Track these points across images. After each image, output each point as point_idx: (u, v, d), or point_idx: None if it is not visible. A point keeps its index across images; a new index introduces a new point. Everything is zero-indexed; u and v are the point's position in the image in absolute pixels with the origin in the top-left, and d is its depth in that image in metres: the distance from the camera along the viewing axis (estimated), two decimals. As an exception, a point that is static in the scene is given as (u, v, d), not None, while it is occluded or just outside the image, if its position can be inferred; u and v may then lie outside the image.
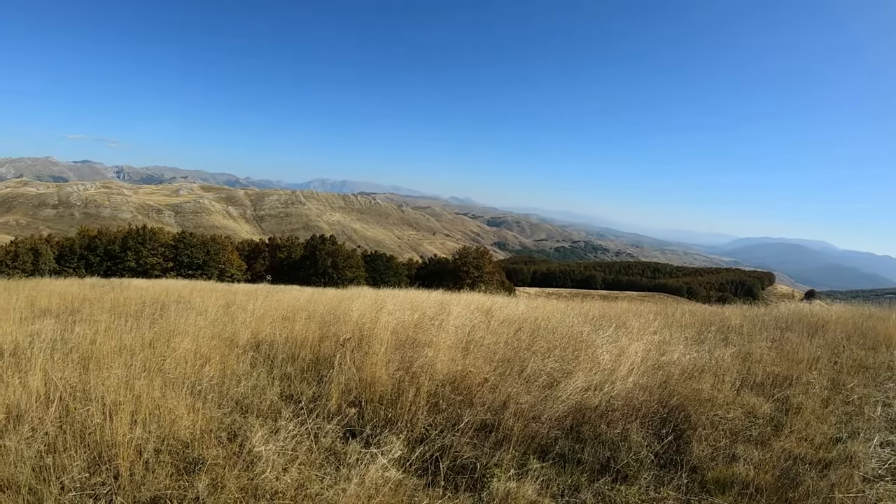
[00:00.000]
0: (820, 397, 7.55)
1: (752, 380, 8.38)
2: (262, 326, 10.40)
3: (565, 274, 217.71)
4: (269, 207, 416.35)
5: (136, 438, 5.13)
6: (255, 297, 16.32)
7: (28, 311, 12.68)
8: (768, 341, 10.88)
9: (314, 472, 4.92)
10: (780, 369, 8.91)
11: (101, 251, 66.16)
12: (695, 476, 5.57)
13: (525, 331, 10.59)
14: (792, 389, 7.85)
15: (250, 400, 6.68)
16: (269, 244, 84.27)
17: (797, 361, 9.39)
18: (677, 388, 7.27)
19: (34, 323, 10.98)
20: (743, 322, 13.51)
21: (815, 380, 8.14)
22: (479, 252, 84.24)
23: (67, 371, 6.64)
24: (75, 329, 9.38)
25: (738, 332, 12.18)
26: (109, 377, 6.11)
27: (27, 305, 13.35)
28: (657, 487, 5.28)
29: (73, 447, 4.97)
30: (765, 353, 9.90)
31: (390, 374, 7.35)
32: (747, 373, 8.67)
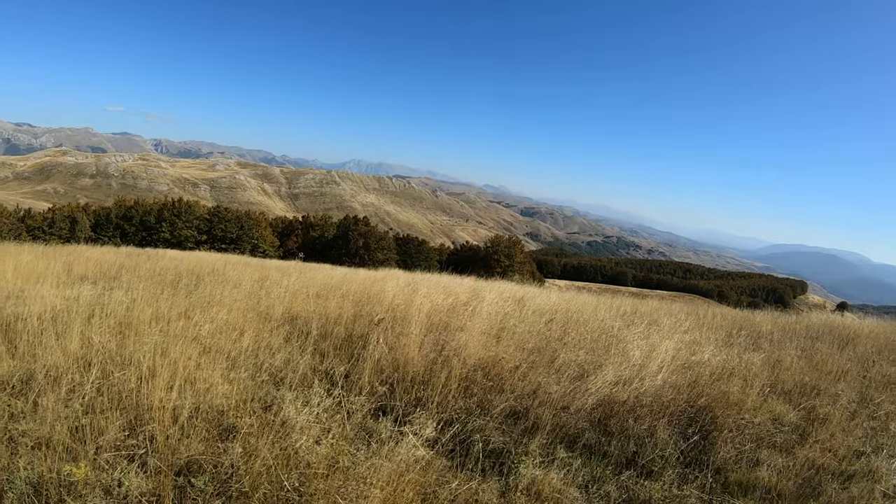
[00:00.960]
0: (847, 410, 7.44)
1: (780, 387, 8.31)
2: (296, 302, 10.50)
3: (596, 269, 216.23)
4: (304, 186, 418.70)
5: (171, 404, 5.21)
6: (289, 273, 16.44)
7: (65, 276, 12.90)
8: (798, 350, 10.74)
9: (346, 447, 4.96)
10: (809, 379, 8.80)
11: (136, 221, 67.34)
12: (718, 477, 5.56)
13: (557, 322, 10.58)
14: (819, 399, 7.77)
15: (284, 373, 6.75)
16: (303, 222, 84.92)
17: (826, 372, 9.28)
18: (706, 389, 7.21)
19: (72, 288, 11.18)
20: (773, 329, 13.30)
21: (843, 392, 8.04)
22: (511, 241, 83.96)
23: (105, 336, 6.76)
24: (112, 295, 9.53)
25: (768, 338, 12.01)
26: (146, 343, 6.21)
27: (65, 271, 13.58)
28: (680, 485, 5.29)
29: (110, 409, 5.07)
30: (794, 361, 9.77)
31: (423, 355, 7.40)
32: (776, 379, 8.59)
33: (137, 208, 69.54)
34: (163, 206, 70.99)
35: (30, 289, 10.49)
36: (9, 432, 4.67)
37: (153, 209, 69.84)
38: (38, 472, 4.10)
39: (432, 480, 4.73)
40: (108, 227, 65.42)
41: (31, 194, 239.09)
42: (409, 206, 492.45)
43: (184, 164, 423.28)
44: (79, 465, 4.14)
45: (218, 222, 71.60)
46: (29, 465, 4.18)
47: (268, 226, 79.46)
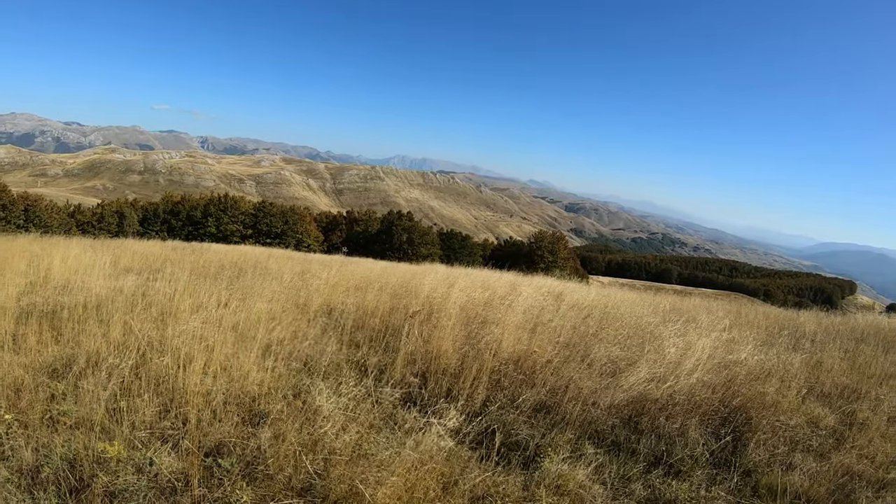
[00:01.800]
0: (887, 415, 7.28)
1: (819, 389, 8.16)
2: (335, 295, 10.65)
3: (640, 265, 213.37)
4: (348, 181, 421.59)
5: (206, 389, 5.43)
6: (330, 266, 16.65)
7: (112, 268, 13.30)
8: (841, 351, 10.51)
9: (372, 434, 5.08)
10: (850, 381, 8.63)
11: (183, 216, 68.77)
12: (748, 479, 5.51)
13: (594, 317, 10.52)
14: (859, 404, 7.61)
15: (318, 362, 6.91)
16: (347, 217, 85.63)
17: (869, 376, 9.09)
18: (741, 389, 7.09)
19: (117, 279, 11.56)
20: (817, 329, 12.99)
21: (886, 396, 7.85)
22: (555, 237, 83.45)
23: (146, 324, 7.00)
24: (155, 286, 9.83)
25: (810, 338, 11.74)
26: (185, 331, 6.43)
27: (111, 263, 13.97)
28: (709, 486, 5.25)
29: (146, 393, 5.30)
30: (836, 363, 9.57)
31: (456, 348, 7.45)
32: (815, 381, 8.44)
33: (184, 204, 70.97)
34: (209, 201, 72.32)
35: (76, 280, 10.88)
36: (49, 412, 4.94)
37: (199, 204, 71.21)
38: (74, 449, 4.32)
39: (455, 470, 4.78)
40: (156, 221, 66.97)
41: (81, 191, 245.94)
42: (452, 201, 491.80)
43: (229, 161, 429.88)
44: (113, 444, 4.34)
45: (263, 217, 72.66)
46: (66, 443, 4.41)
47: (312, 221, 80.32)
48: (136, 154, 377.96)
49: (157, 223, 66.97)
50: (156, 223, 66.81)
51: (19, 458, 4.30)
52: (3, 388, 5.24)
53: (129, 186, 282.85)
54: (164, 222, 67.64)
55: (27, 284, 10.37)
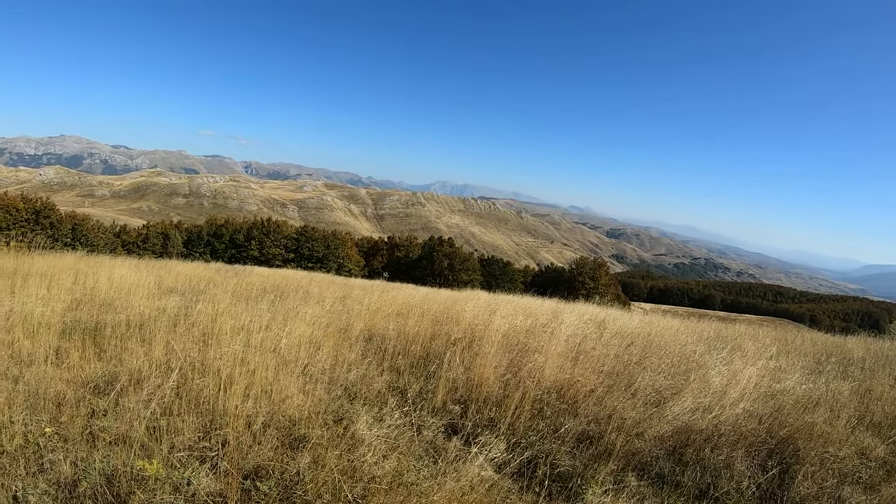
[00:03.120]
0: None
1: (869, 418, 7.89)
2: (376, 320, 10.65)
3: (683, 291, 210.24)
4: (390, 207, 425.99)
5: (246, 411, 5.43)
6: (371, 291, 16.72)
7: (155, 288, 13.53)
8: (891, 378, 10.15)
9: (412, 463, 5.02)
10: None
11: (226, 239, 69.99)
12: None
13: (637, 345, 10.37)
14: None
15: (358, 387, 6.88)
16: (388, 242, 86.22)
17: None
18: (788, 419, 6.89)
19: (160, 299, 11.74)
20: (865, 355, 12.62)
21: None
22: (596, 263, 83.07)
23: (188, 344, 7.07)
24: (198, 307, 9.95)
25: (859, 365, 11.38)
26: (227, 353, 6.45)
27: (155, 283, 14.23)
28: (755, 520, 5.07)
29: (187, 413, 5.33)
30: (886, 390, 9.21)
31: (498, 376, 7.39)
32: (864, 410, 8.17)
33: (228, 227, 72.24)
34: (252, 225, 73.53)
35: (121, 298, 11.08)
36: (90, 427, 4.99)
37: (243, 228, 72.41)
38: (112, 466, 4.34)
39: (496, 501, 4.71)
40: (199, 244, 68.23)
41: (127, 212, 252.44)
42: (493, 227, 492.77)
43: (272, 186, 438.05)
44: (152, 462, 4.35)
45: (305, 241, 73.54)
46: (105, 459, 4.44)
47: (353, 245, 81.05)
48: (181, 177, 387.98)
49: (201, 245, 68.24)
50: (199, 245, 68.08)
51: (58, 471, 4.34)
52: (45, 402, 5.33)
53: (174, 209, 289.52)
54: (207, 244, 68.89)
55: (72, 301, 10.59)
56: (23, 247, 22.09)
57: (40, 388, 5.53)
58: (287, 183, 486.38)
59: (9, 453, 4.46)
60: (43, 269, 13.70)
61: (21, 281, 11.70)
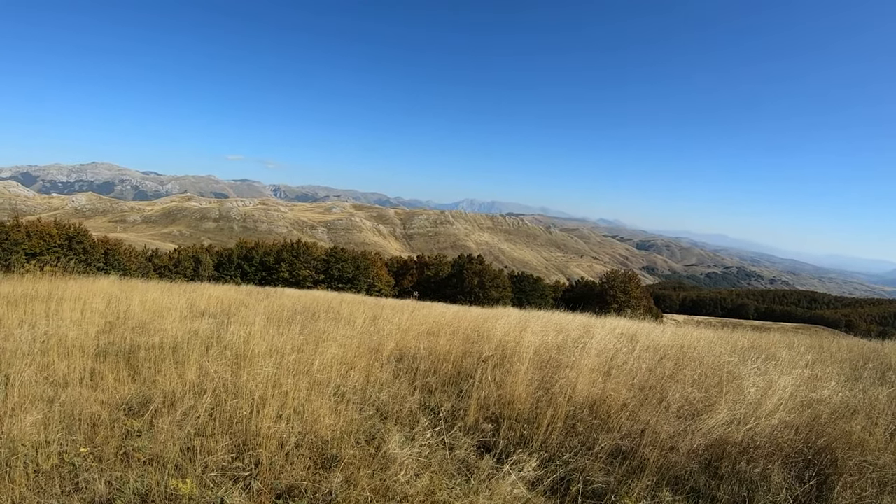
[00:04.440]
0: None
1: None
2: (407, 339, 10.66)
3: (715, 301, 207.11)
4: (418, 226, 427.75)
5: (279, 432, 5.48)
6: (402, 311, 16.73)
7: (188, 311, 13.71)
8: None
9: (445, 481, 5.01)
10: None
11: (256, 262, 70.72)
12: None
13: (669, 358, 10.25)
14: None
15: (390, 407, 6.90)
16: (418, 262, 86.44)
17: None
18: (825, 429, 6.73)
19: (193, 322, 11.88)
20: None
21: None
22: (627, 276, 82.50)
23: (221, 366, 7.17)
24: (230, 329, 10.06)
25: None
26: (259, 375, 6.54)
27: (187, 306, 14.42)
28: (794, 534, 4.98)
29: (220, 433, 5.39)
30: None
31: (530, 393, 7.35)
32: None
33: (258, 249, 73.00)
34: (282, 247, 74.20)
35: (154, 321, 11.24)
36: (124, 448, 5.08)
37: (273, 250, 73.13)
38: (146, 485, 4.40)
39: (530, 520, 4.68)
40: (230, 267, 69.01)
41: (158, 236, 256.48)
42: (523, 243, 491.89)
43: (301, 208, 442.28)
44: (185, 482, 4.41)
45: (335, 262, 74.01)
46: (139, 479, 4.51)
47: (383, 265, 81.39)
48: (211, 202, 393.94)
49: (232, 268, 69.01)
50: (230, 268, 68.86)
51: (92, 490, 4.42)
52: (80, 423, 5.43)
53: (205, 233, 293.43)
54: (237, 267, 69.67)
55: (106, 324, 10.78)
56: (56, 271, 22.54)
57: (75, 410, 5.64)
58: (316, 205, 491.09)
59: (45, 472, 4.56)
60: (76, 294, 13.97)
61: (55, 305, 11.95)
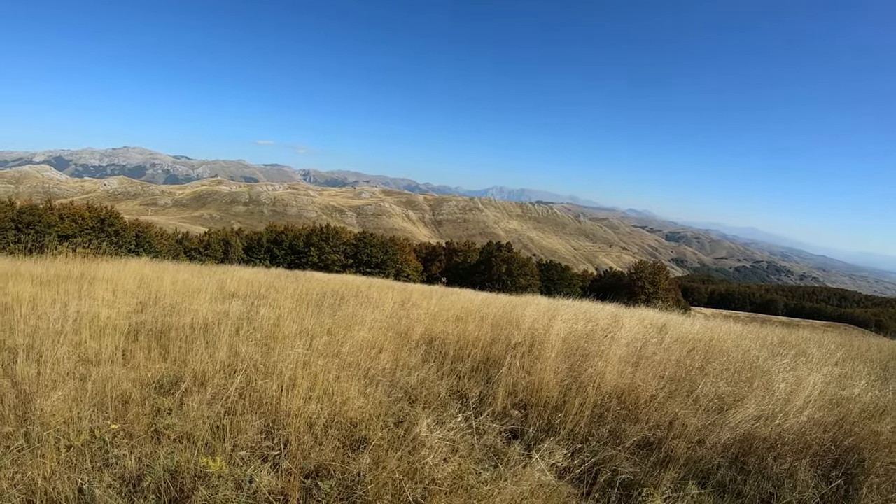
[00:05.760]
0: None
1: None
2: (436, 324, 10.67)
3: (744, 296, 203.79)
4: (447, 213, 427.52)
5: (308, 413, 5.52)
6: (430, 296, 16.74)
7: (218, 293, 13.84)
8: None
9: (472, 466, 5.01)
10: None
11: (286, 245, 71.20)
12: None
13: (698, 351, 10.17)
14: None
15: (419, 391, 6.92)
16: (446, 248, 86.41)
17: None
18: (854, 428, 6.60)
19: (223, 304, 12.00)
20: None
21: None
22: (656, 268, 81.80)
23: (251, 347, 7.23)
24: (260, 311, 10.16)
25: None
26: (289, 356, 6.59)
27: (217, 288, 14.56)
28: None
29: (250, 413, 5.47)
30: None
31: (558, 381, 7.31)
32: None
33: (287, 233, 73.45)
34: (311, 231, 74.58)
35: (185, 302, 11.37)
36: (154, 425, 5.15)
37: (302, 234, 73.52)
38: (176, 462, 4.46)
39: (556, 506, 4.67)
40: (260, 250, 69.58)
41: (189, 219, 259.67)
42: (551, 231, 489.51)
43: (331, 193, 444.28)
44: (215, 460, 4.45)
45: (363, 247, 74.26)
46: (169, 455, 4.57)
47: (412, 251, 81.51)
48: (241, 186, 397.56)
49: (261, 251, 69.54)
50: (259, 251, 69.40)
51: (122, 466, 4.49)
52: (112, 400, 5.51)
53: (235, 216, 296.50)
54: (267, 251, 70.18)
55: (137, 304, 10.93)
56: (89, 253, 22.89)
57: (107, 387, 5.72)
58: (345, 190, 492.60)
59: (76, 448, 4.63)
60: (108, 274, 14.19)
61: (88, 285, 12.13)
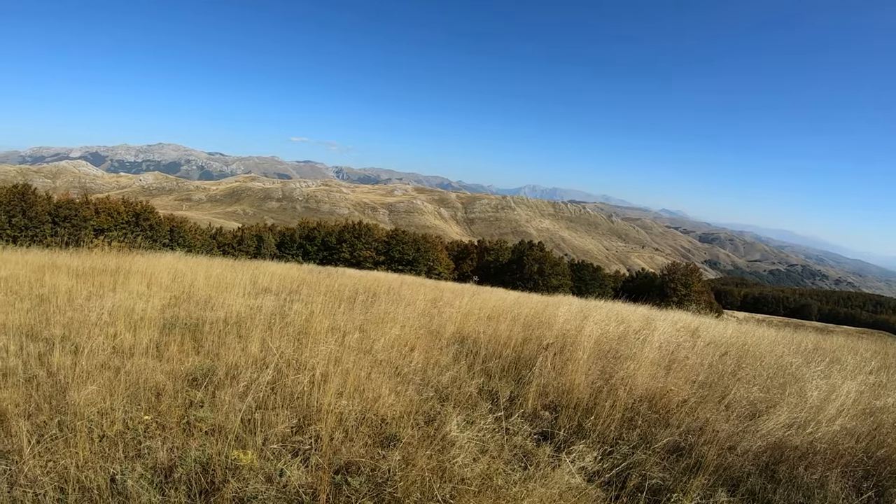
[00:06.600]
0: None
1: None
2: (467, 323, 10.66)
3: (778, 300, 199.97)
4: (480, 211, 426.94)
5: (339, 408, 5.55)
6: (462, 295, 16.74)
7: (251, 287, 13.99)
8: None
9: (502, 467, 4.99)
10: None
11: (318, 242, 71.68)
12: None
13: (731, 355, 10.07)
14: None
15: (450, 390, 6.91)
16: (478, 246, 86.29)
17: None
18: (887, 439, 6.47)
19: (255, 298, 12.13)
20: None
21: None
22: (689, 269, 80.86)
23: (283, 342, 7.29)
24: (293, 307, 10.25)
25: None
26: (321, 352, 6.64)
27: (250, 283, 14.72)
28: (847, 546, 4.83)
29: (281, 407, 5.50)
30: None
31: (589, 382, 7.29)
32: None
33: (319, 229, 73.91)
34: (343, 228, 74.96)
35: (218, 296, 11.49)
36: (187, 417, 5.23)
37: (334, 231, 73.94)
38: (207, 454, 4.51)
39: (585, 510, 4.64)
40: (292, 246, 70.15)
41: (222, 215, 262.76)
42: (583, 231, 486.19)
43: (363, 190, 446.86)
44: (246, 453, 4.50)
45: (395, 244, 74.46)
46: (200, 447, 4.64)
47: (443, 249, 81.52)
48: (274, 182, 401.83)
49: (293, 247, 70.11)
50: (292, 247, 69.97)
51: (154, 456, 4.55)
52: (145, 392, 5.60)
53: (268, 212, 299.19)
54: (299, 247, 70.72)
55: (171, 297, 11.07)
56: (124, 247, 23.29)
57: (140, 379, 5.82)
58: (378, 187, 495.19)
59: (109, 438, 4.70)
60: (143, 268, 14.41)
61: (122, 278, 12.34)
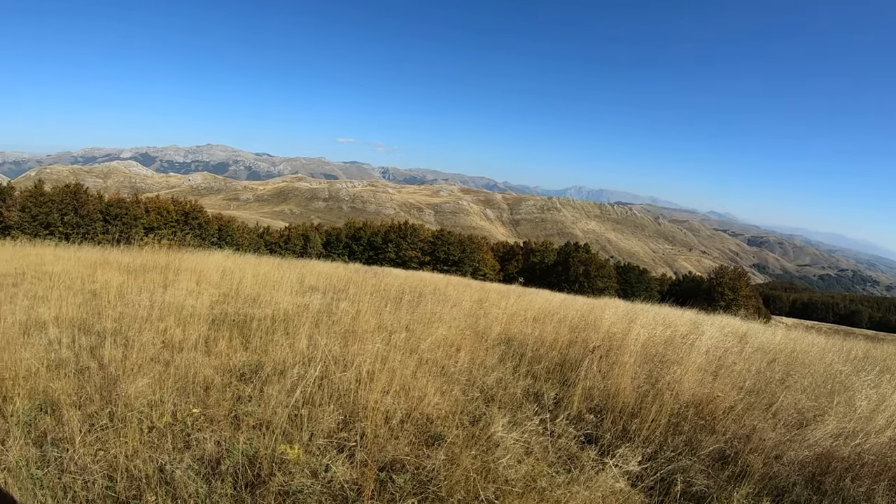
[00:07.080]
0: None
1: None
2: (513, 324, 10.64)
3: (827, 306, 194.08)
4: (525, 212, 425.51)
5: (385, 406, 5.59)
6: (508, 296, 16.70)
7: (298, 286, 14.16)
8: None
9: (546, 469, 4.98)
10: None
11: (364, 241, 72.18)
12: None
13: (779, 362, 9.85)
14: None
15: (495, 391, 6.91)
16: (524, 247, 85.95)
17: None
18: None
19: (303, 296, 12.27)
20: None
21: None
22: (737, 273, 79.25)
23: (330, 340, 7.36)
24: (339, 305, 10.35)
25: None
26: (367, 350, 6.67)
27: (297, 281, 14.90)
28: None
29: (327, 404, 5.57)
30: None
31: (635, 387, 7.21)
32: None
33: (365, 229, 74.43)
34: (389, 228, 75.35)
35: (265, 294, 11.65)
36: (234, 411, 5.34)
37: (380, 231, 74.38)
38: (254, 448, 4.58)
39: (628, 515, 4.60)
40: (338, 245, 70.77)
41: (270, 214, 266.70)
42: (630, 233, 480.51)
43: (409, 190, 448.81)
44: (293, 447, 4.55)
45: (441, 245, 74.56)
46: (248, 441, 4.71)
47: (489, 250, 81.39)
48: (321, 183, 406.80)
49: (339, 247, 70.70)
50: (338, 247, 70.57)
51: (202, 448, 4.65)
52: (194, 385, 5.72)
53: (314, 212, 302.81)
54: (345, 246, 71.30)
55: (220, 294, 11.26)
56: (173, 245, 23.79)
57: (189, 373, 5.94)
58: (423, 188, 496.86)
59: (158, 429, 4.81)
60: (192, 266, 14.68)
61: (173, 275, 12.59)
